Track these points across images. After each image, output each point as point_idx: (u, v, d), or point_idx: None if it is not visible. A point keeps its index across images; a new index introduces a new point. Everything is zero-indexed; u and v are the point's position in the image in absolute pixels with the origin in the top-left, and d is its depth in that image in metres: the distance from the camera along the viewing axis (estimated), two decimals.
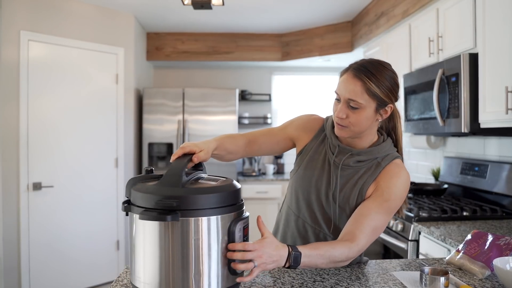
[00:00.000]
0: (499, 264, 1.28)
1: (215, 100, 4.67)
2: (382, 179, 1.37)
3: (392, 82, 1.34)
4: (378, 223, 1.32)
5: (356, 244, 1.26)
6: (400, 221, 2.51)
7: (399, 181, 1.36)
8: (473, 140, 2.96)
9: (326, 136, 1.49)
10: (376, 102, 1.32)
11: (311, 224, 1.46)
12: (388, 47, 3.63)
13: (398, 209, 1.39)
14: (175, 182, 1.05)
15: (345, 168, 1.41)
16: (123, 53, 4.23)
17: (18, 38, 3.45)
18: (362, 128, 1.35)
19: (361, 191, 1.38)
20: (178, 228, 1.02)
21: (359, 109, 1.31)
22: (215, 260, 1.05)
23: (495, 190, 2.57)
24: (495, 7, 2.18)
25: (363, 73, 1.31)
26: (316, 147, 1.49)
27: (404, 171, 1.38)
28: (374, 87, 1.30)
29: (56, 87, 3.72)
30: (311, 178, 1.45)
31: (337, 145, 1.43)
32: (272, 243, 1.14)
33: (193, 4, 2.82)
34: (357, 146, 1.42)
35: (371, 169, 1.39)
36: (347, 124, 1.34)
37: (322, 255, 1.21)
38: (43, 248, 3.61)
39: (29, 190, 3.53)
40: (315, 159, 1.47)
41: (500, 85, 2.12)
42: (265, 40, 5.14)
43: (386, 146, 1.42)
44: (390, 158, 1.40)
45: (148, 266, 1.05)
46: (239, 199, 1.14)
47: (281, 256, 1.13)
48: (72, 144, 3.83)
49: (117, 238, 4.19)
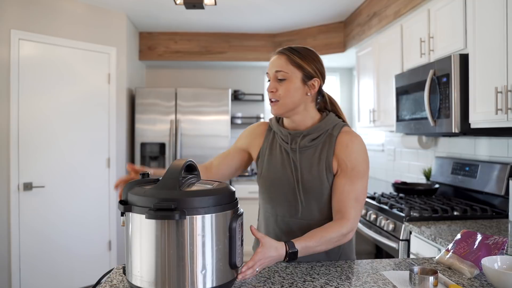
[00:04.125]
0: (488, 263, 1.29)
1: (208, 100, 4.66)
2: (339, 151, 1.44)
3: (314, 56, 1.48)
4: (357, 192, 1.40)
5: (346, 220, 1.36)
6: (391, 221, 2.52)
7: (355, 146, 1.43)
8: (464, 140, 2.98)
9: (275, 133, 1.57)
10: (302, 72, 1.43)
11: (291, 218, 1.49)
12: (380, 48, 3.64)
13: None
14: (173, 185, 1.10)
15: (303, 150, 1.48)
16: (115, 53, 4.21)
17: (9, 37, 3.42)
18: (293, 99, 1.44)
19: (327, 165, 1.44)
20: (173, 226, 1.06)
21: (286, 80, 1.43)
22: (210, 256, 1.08)
23: (485, 190, 2.59)
24: (486, 9, 2.19)
25: (287, 50, 1.46)
26: (270, 145, 1.56)
27: (354, 136, 1.46)
28: (297, 58, 1.43)
29: (47, 87, 3.70)
30: (276, 173, 1.51)
31: (288, 133, 1.50)
32: (271, 247, 1.21)
33: (185, 3, 2.81)
34: (301, 126, 1.50)
35: (327, 142, 1.46)
36: (278, 97, 1.44)
37: (318, 241, 1.29)
38: (34, 249, 3.59)
39: (19, 190, 3.50)
40: (273, 155, 1.54)
41: (490, 85, 2.13)
42: (258, 40, 5.14)
43: (331, 118, 1.50)
44: (338, 127, 1.48)
45: (146, 263, 1.08)
46: (233, 198, 1.19)
47: (280, 256, 1.23)
48: (63, 144, 3.81)
49: (109, 238, 4.17)
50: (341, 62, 5.26)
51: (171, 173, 1.11)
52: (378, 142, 4.57)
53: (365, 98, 4.07)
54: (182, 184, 1.12)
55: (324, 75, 1.50)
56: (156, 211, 1.02)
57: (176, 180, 1.09)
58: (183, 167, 1.13)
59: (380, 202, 2.84)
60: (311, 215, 1.48)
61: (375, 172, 4.69)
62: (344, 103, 5.65)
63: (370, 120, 3.85)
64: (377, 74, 3.71)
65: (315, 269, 1.41)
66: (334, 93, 5.67)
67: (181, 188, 1.09)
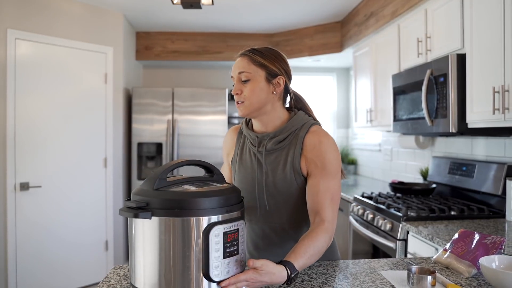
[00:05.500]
0: (485, 262, 1.29)
1: (205, 100, 4.66)
2: (308, 152, 1.40)
3: (277, 54, 1.46)
4: (331, 191, 1.36)
5: (327, 222, 1.32)
6: (388, 221, 2.52)
7: (324, 146, 1.39)
8: (461, 140, 2.98)
9: (245, 137, 1.55)
10: (265, 71, 1.42)
11: (265, 223, 1.47)
12: (377, 48, 3.64)
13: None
14: (149, 185, 1.09)
15: (270, 154, 1.46)
16: (112, 52, 4.20)
17: (5, 36, 3.41)
18: (258, 99, 1.42)
19: (294, 166, 1.41)
20: (148, 225, 1.07)
21: (250, 81, 1.41)
22: (176, 261, 1.05)
23: (482, 189, 2.59)
24: (482, 9, 2.20)
25: (248, 51, 1.45)
26: (240, 149, 1.56)
27: (322, 135, 1.42)
28: (258, 57, 1.42)
29: (44, 86, 3.68)
30: (246, 177, 1.50)
31: (256, 136, 1.48)
32: (266, 273, 1.09)
33: (182, 3, 2.80)
34: (269, 127, 1.48)
35: (293, 143, 1.43)
36: (243, 98, 1.42)
37: (312, 255, 1.24)
38: (30, 249, 3.57)
39: (16, 190, 3.49)
40: (243, 159, 1.53)
41: (487, 85, 2.14)
42: (255, 40, 5.13)
43: (298, 117, 1.47)
44: (306, 126, 1.44)
45: (148, 266, 1.07)
46: (213, 205, 1.08)
47: (274, 282, 1.12)
48: (60, 144, 3.80)
49: (106, 238, 4.16)
50: (338, 62, 5.26)
51: (155, 172, 1.12)
52: (375, 142, 4.58)
53: (362, 98, 4.07)
54: (166, 185, 1.10)
55: (290, 73, 1.49)
56: (125, 209, 1.06)
57: (153, 180, 1.09)
58: (169, 168, 1.12)
59: (377, 202, 2.84)
60: (282, 218, 1.45)
61: (372, 172, 4.69)
62: (341, 103, 5.66)
63: (367, 120, 3.85)
64: (374, 74, 3.71)
65: (313, 269, 1.40)
66: (331, 93, 5.68)
67: (159, 188, 1.08)
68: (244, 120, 1.58)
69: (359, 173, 5.12)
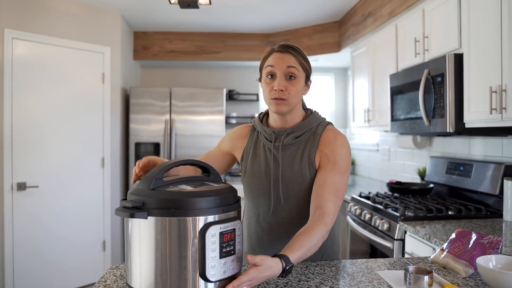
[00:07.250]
0: (482, 262, 1.29)
1: (203, 100, 4.65)
2: (323, 147, 1.44)
3: (306, 56, 1.49)
4: (337, 186, 1.38)
5: (327, 215, 1.31)
6: (386, 221, 2.52)
7: (338, 143, 1.43)
8: (459, 140, 2.98)
9: (259, 133, 1.57)
10: (305, 73, 1.46)
11: (273, 216, 1.49)
12: (375, 47, 3.64)
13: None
14: (146, 185, 1.09)
15: (286, 148, 1.48)
16: (109, 52, 4.19)
17: (2, 36, 3.39)
18: (298, 99, 1.45)
19: (309, 161, 1.44)
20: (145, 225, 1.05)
21: (295, 79, 1.42)
22: (172, 261, 1.04)
23: (480, 189, 2.60)
24: (480, 8, 2.20)
25: (290, 48, 1.44)
26: (254, 145, 1.57)
27: (338, 133, 1.47)
28: (301, 59, 1.44)
29: (41, 86, 3.67)
30: (259, 171, 1.51)
31: (272, 132, 1.50)
32: (267, 268, 1.09)
33: (180, 3, 2.80)
34: (289, 124, 1.50)
35: (310, 139, 1.47)
36: (287, 96, 1.41)
37: (308, 249, 1.23)
38: (28, 249, 3.56)
39: (13, 190, 3.48)
40: (257, 155, 1.54)
41: (485, 85, 2.14)
42: (253, 40, 5.13)
43: (315, 116, 1.52)
44: (323, 125, 1.50)
45: (144, 266, 1.07)
46: (207, 205, 1.08)
47: (274, 274, 1.12)
48: (57, 144, 3.79)
49: (104, 238, 4.15)
50: (336, 62, 5.26)
51: (151, 172, 1.12)
52: (372, 142, 4.58)
53: (359, 98, 4.07)
54: (162, 184, 1.10)
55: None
56: (121, 209, 1.05)
57: (149, 179, 1.09)
58: (165, 168, 1.12)
59: (375, 201, 2.84)
60: (292, 213, 1.47)
61: (370, 172, 4.69)
62: (338, 103, 5.66)
63: (365, 120, 3.85)
64: (372, 74, 3.71)
65: (310, 268, 1.40)
66: (329, 93, 5.68)
67: (155, 188, 1.08)
68: (258, 116, 1.60)
69: (357, 173, 5.13)
